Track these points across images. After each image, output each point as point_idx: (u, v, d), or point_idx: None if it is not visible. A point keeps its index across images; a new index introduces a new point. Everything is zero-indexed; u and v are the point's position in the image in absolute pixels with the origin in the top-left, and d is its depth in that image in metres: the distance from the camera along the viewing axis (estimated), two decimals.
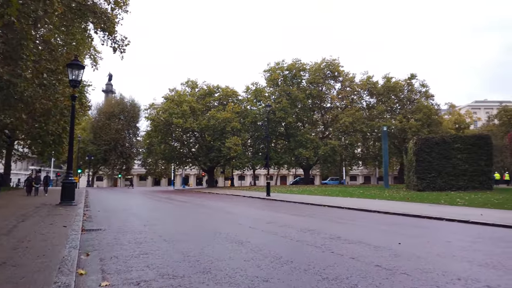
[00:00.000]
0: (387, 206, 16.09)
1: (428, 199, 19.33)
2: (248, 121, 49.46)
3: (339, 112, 50.42)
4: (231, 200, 22.49)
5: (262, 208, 16.19)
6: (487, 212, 13.09)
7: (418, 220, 12.07)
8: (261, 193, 30.72)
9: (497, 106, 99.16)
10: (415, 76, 54.03)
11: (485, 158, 26.31)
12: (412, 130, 46.99)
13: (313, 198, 22.79)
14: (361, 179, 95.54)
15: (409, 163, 30.45)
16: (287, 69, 53.04)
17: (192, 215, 13.01)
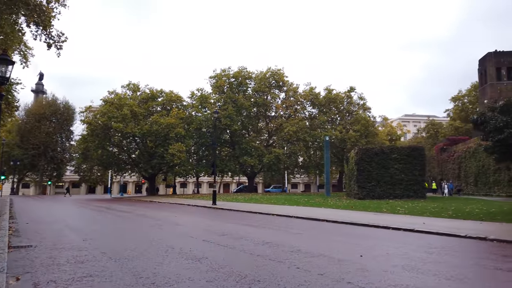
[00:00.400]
0: (335, 215, 16.34)
1: (371, 207, 20.03)
2: (193, 128, 48.38)
3: (283, 121, 51.25)
4: (177, 210, 21.52)
5: (211, 218, 15.59)
6: (428, 220, 13.73)
7: (367, 229, 12.31)
8: (206, 201, 29.96)
9: (424, 119, 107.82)
10: (354, 89, 56.76)
11: (419, 168, 28.07)
12: (351, 140, 49.09)
13: (261, 206, 22.61)
14: (302, 187, 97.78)
15: (350, 172, 31.61)
16: (233, 77, 52.92)
17: (137, 228, 12.07)
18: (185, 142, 45.26)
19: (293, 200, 29.09)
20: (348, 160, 33.20)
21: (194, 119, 49.66)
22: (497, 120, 13.49)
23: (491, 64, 51.83)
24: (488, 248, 8.12)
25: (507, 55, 51.95)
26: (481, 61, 54.84)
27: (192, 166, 48.40)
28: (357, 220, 14.29)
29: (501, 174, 35.10)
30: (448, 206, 20.44)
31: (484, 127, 14.02)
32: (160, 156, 44.90)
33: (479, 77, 55.51)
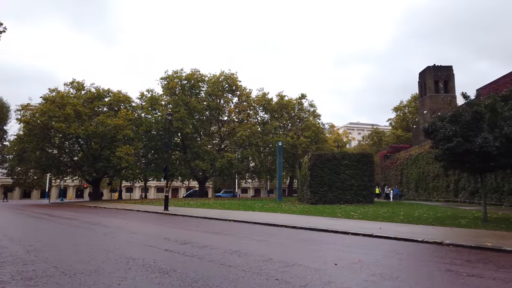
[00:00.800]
0: (293, 221, 16.33)
1: (326, 212, 20.36)
2: (142, 130, 46.53)
3: (236, 126, 50.99)
4: (128, 216, 20.34)
5: (168, 225, 14.84)
6: (383, 225, 14.13)
7: (328, 234, 12.37)
8: (157, 207, 28.77)
9: (367, 128, 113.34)
10: (305, 96, 58.12)
11: (368, 174, 29.15)
12: (302, 146, 50.06)
13: (216, 212, 22.10)
14: (252, 192, 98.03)
15: (303, 178, 32.07)
16: (186, 79, 51.80)
17: (88, 237, 11.07)
18: (133, 145, 43.33)
19: (247, 205, 28.87)
20: (301, 166, 33.68)
21: (143, 121, 47.81)
22: (446, 129, 14.22)
23: (430, 78, 55.69)
24: (448, 253, 8.39)
25: (444, 70, 56.16)
26: (421, 74, 58.75)
27: (141, 170, 46.43)
28: (316, 225, 14.36)
29: (439, 180, 37.53)
30: (397, 211, 21.37)
31: (434, 135, 14.73)
32: (106, 159, 42.56)
33: (419, 89, 59.43)
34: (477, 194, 30.55)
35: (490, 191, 28.82)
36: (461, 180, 33.19)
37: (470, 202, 31.02)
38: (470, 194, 31.47)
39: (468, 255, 7.94)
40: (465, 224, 14.08)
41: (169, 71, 52.52)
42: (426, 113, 55.22)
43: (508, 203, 26.30)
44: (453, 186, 34.50)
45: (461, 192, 33.15)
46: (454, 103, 55.09)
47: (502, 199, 27.21)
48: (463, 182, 32.83)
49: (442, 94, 55.20)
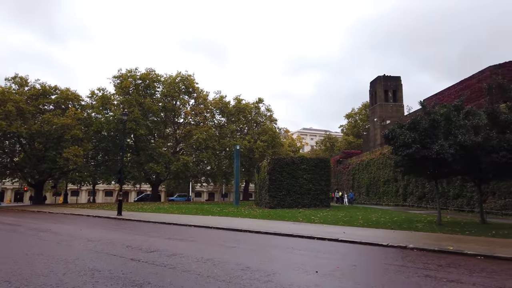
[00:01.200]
0: (256, 225, 16.11)
1: (287, 216, 20.37)
2: (92, 130, 44.13)
3: (192, 128, 50.00)
4: (78, 222, 18.99)
5: (126, 232, 13.98)
6: (346, 230, 14.33)
7: (294, 240, 12.27)
8: (109, 211, 27.31)
9: (319, 133, 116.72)
10: (262, 101, 58.45)
11: (325, 179, 29.74)
12: (259, 150, 50.20)
13: (173, 217, 21.33)
14: (206, 196, 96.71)
15: (262, 182, 32.05)
16: (140, 78, 50.01)
17: (40, 246, 10.03)
18: (82, 146, 40.91)
19: (205, 209, 28.27)
20: (259, 170, 33.65)
21: (94, 121, 45.38)
22: (405, 136, 14.77)
23: (380, 87, 58.35)
24: (418, 257, 8.58)
25: (393, 80, 59.12)
26: (372, 83, 61.40)
27: (90, 173, 43.93)
28: (281, 230, 14.26)
29: (389, 185, 39.25)
30: (354, 215, 21.91)
31: (394, 142, 15.25)
32: (52, 160, 39.78)
33: (370, 97, 62.05)
34: (424, 199, 32.31)
35: (436, 195, 30.61)
36: (409, 185, 34.91)
37: (418, 206, 32.67)
38: (418, 198, 33.15)
39: (438, 260, 8.16)
40: (421, 228, 14.67)
41: (122, 70, 50.54)
42: (376, 121, 57.75)
43: (453, 207, 27.98)
44: (402, 191, 36.19)
45: (409, 196, 34.84)
46: (401, 112, 58.24)
47: (448, 204, 28.91)
48: (411, 188, 34.55)
49: (391, 103, 58.05)
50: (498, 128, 13.61)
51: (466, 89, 34.94)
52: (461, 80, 35.99)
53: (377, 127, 57.73)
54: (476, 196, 26.33)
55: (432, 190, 31.39)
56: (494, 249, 9.60)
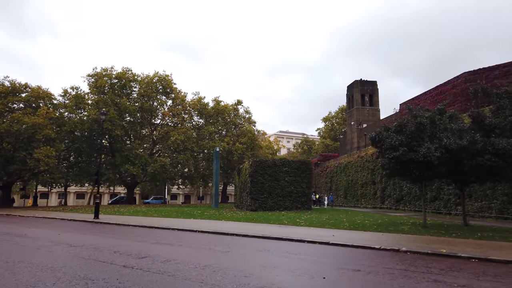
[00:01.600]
0: (242, 228, 15.80)
1: (272, 219, 20.15)
2: (65, 130, 42.47)
3: (170, 129, 49.05)
4: (54, 226, 18.05)
5: (108, 236, 13.33)
6: (334, 233, 14.25)
7: (286, 243, 12.06)
8: (84, 214, 26.27)
9: (296, 136, 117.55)
10: (241, 102, 58.19)
11: (306, 181, 29.74)
12: (238, 152, 49.82)
13: (155, 220, 20.69)
14: (182, 198, 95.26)
15: (243, 184, 31.73)
16: (116, 77, 48.66)
17: (19, 252, 9.32)
18: (54, 146, 39.24)
19: (185, 212, 27.63)
20: (240, 172, 33.31)
21: (67, 121, 43.70)
22: (392, 139, 14.87)
23: (357, 91, 59.34)
24: (415, 260, 8.55)
25: (370, 84, 60.28)
26: (349, 87, 62.40)
27: (62, 174, 42.19)
28: (268, 233, 14.03)
29: (367, 188, 39.83)
30: (338, 217, 21.95)
31: (381, 144, 15.33)
32: (21, 161, 37.93)
33: (347, 101, 63.04)
34: (402, 201, 32.90)
35: (414, 198, 31.23)
36: (387, 188, 35.51)
37: (395, 209, 33.25)
38: (396, 201, 33.75)
39: (437, 263, 8.14)
40: (408, 230, 14.79)
41: (98, 68, 49.01)
42: (353, 124, 58.65)
43: (430, 210, 28.60)
44: (380, 193, 36.77)
45: (387, 199, 35.43)
46: (377, 116, 59.45)
47: (425, 206, 29.51)
48: (389, 190, 35.14)
49: (368, 107, 59.17)
50: (482, 131, 13.92)
51: (441, 94, 36.03)
52: (436, 86, 37.05)
53: (354, 130, 58.65)
54: (453, 199, 27.08)
55: (409, 192, 32.06)
56: (487, 252, 9.71)
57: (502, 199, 22.00)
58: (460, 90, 32.85)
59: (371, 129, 55.30)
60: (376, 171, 38.18)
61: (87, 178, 44.03)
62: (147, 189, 75.95)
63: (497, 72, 30.39)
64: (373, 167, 38.81)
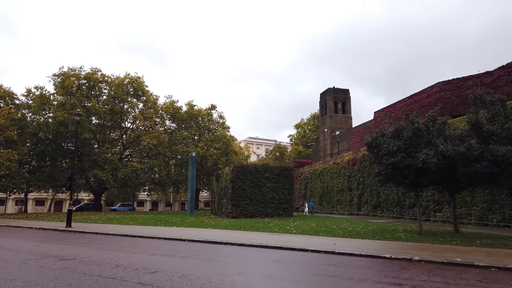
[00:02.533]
0: (234, 236, 15.07)
1: (260, 227, 19.46)
2: (29, 132, 39.74)
3: (142, 133, 47.24)
4: (26, 236, 16.40)
5: (95, 247, 12.13)
6: (334, 241, 13.81)
7: (290, 253, 11.47)
8: (53, 223, 24.42)
9: (265, 143, 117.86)
10: (215, 107, 57.23)
11: (288, 187, 29.32)
12: (213, 158, 48.78)
13: (135, 228, 19.41)
14: (149, 205, 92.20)
15: (223, 190, 30.84)
16: (85, 78, 46.32)
17: (4, 269, 8.11)
18: (17, 149, 36.57)
19: (164, 220, 26.33)
20: (219, 178, 32.40)
21: (30, 123, 40.97)
22: (390, 144, 14.70)
23: (330, 99, 60.09)
24: (442, 271, 8.23)
25: (342, 92, 61.25)
26: (322, 95, 63.10)
27: (24, 179, 39.32)
28: (264, 242, 13.37)
29: (343, 194, 40.06)
30: (325, 224, 21.61)
31: (378, 150, 15.14)
32: None
33: (320, 108, 63.69)
34: (379, 208, 33.21)
35: (391, 204, 31.59)
36: (364, 194, 35.81)
37: (373, 215, 33.53)
38: (373, 207, 34.04)
39: (466, 274, 7.87)
40: (405, 237, 14.60)
41: (64, 68, 46.46)
42: (326, 131, 59.26)
43: (408, 216, 28.99)
44: (356, 200, 37.01)
45: (364, 205, 35.71)
46: (350, 123, 60.44)
47: (403, 212, 29.93)
48: (366, 197, 35.44)
49: (340, 114, 60.04)
50: (479, 138, 14.05)
51: (416, 103, 36.99)
52: (411, 95, 38.03)
53: (327, 137, 59.27)
54: (431, 205, 27.57)
55: (387, 199, 32.42)
56: (501, 261, 9.55)
57: (481, 206, 22.55)
58: (434, 99, 33.82)
59: (344, 136, 56.12)
60: (352, 177, 38.50)
61: (51, 183, 41.36)
62: (112, 195, 72.98)
63: (470, 82, 31.54)
64: (349, 174, 39.11)
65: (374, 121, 44.55)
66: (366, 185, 35.48)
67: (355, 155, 38.82)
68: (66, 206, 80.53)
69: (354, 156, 38.71)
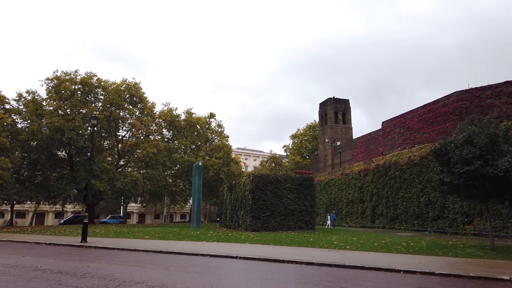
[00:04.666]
0: (290, 253, 13.42)
1: (296, 241, 17.78)
2: (23, 138, 36.91)
3: (141, 142, 44.88)
4: (50, 253, 14.17)
5: (140, 266, 10.21)
6: (414, 259, 12.37)
7: (387, 275, 9.89)
8: (62, 237, 22.00)
9: (252, 153, 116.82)
10: (214, 116, 55.45)
11: (310, 198, 27.73)
12: (214, 167, 46.84)
13: (162, 244, 17.41)
14: (136, 217, 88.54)
15: (238, 202, 29.01)
16: (81, 83, 43.86)
17: None
18: (9, 157, 33.75)
19: (180, 233, 24.16)
20: (233, 189, 30.53)
21: (23, 129, 38.16)
22: (462, 152, 13.44)
23: (331, 109, 59.23)
24: None
25: (342, 102, 60.57)
26: (321, 105, 62.23)
27: (16, 190, 36.27)
28: (323, 259, 11.87)
29: (353, 206, 38.76)
30: (359, 238, 20.08)
31: (447, 158, 13.84)
32: None
33: (320, 118, 62.73)
34: (397, 220, 31.97)
35: (411, 217, 30.40)
36: (378, 206, 34.58)
37: (390, 228, 32.27)
38: (390, 220, 32.78)
39: None
40: (477, 254, 13.25)
41: (58, 72, 43.90)
42: (327, 142, 58.23)
43: (432, 229, 27.81)
44: (370, 212, 35.73)
45: (379, 218, 34.43)
46: (350, 134, 59.68)
47: (426, 225, 28.75)
48: (380, 209, 34.20)
49: (341, 124, 59.23)
50: None
51: (430, 112, 36.32)
52: (425, 104, 37.37)
53: (328, 148, 58.23)
54: (460, 218, 26.47)
55: (406, 211, 31.22)
56: None
57: None
58: (451, 108, 33.18)
59: (346, 146, 55.19)
60: (364, 189, 37.28)
61: (44, 194, 38.41)
62: (99, 207, 69.65)
63: (489, 92, 31.05)
64: (361, 185, 37.90)
65: (383, 131, 43.73)
66: (381, 197, 34.29)
67: (366, 166, 37.70)
68: (48, 219, 76.41)
69: (366, 167, 37.59)
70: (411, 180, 30.59)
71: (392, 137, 41.71)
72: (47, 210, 75.15)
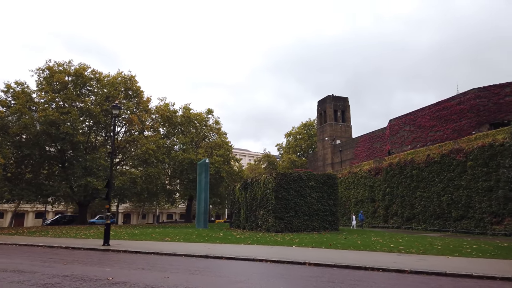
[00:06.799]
0: (352, 258, 11.93)
1: (344, 243, 16.34)
2: (14, 132, 34.01)
3: (138, 138, 42.47)
4: (73, 258, 12.17)
5: (162, 270, 8.51)
6: (442, 261, 11.12)
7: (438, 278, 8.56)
8: (75, 240, 19.79)
9: (239, 152, 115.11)
10: (211, 112, 53.49)
11: (333, 198, 26.40)
12: (215, 165, 44.97)
13: (187, 247, 15.57)
14: (121, 217, 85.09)
15: (255, 201, 27.36)
16: (75, 74, 41.08)
17: None
18: (2, 153, 30.92)
19: (200, 235, 22.30)
20: (248, 186, 28.84)
21: (13, 122, 35.22)
22: None
23: (330, 107, 58.29)
24: None
25: (341, 100, 59.71)
26: (320, 103, 61.22)
27: (10, 189, 33.27)
28: (407, 265, 10.42)
29: (363, 205, 37.71)
30: (393, 239, 18.89)
31: None
32: None
33: (318, 116, 61.71)
34: (414, 220, 31.06)
35: (431, 216, 29.51)
36: (392, 206, 33.63)
37: (406, 228, 31.34)
38: (406, 220, 31.82)
39: None
40: None
41: (51, 62, 41.05)
42: (327, 140, 57.22)
43: (456, 229, 26.97)
44: (382, 212, 34.74)
45: (393, 218, 33.47)
46: (349, 132, 58.89)
47: (447, 225, 27.89)
48: (395, 208, 33.24)
49: (340, 123, 58.36)
50: None
51: (445, 110, 35.66)
52: (438, 102, 36.73)
53: (327, 146, 57.23)
54: (487, 218, 25.66)
55: (424, 210, 30.31)
56: None
57: None
58: (469, 106, 32.58)
59: (348, 145, 54.31)
60: (376, 188, 36.27)
61: (37, 193, 35.53)
62: None
63: (508, 89, 30.57)
64: (371, 184, 36.90)
65: (390, 129, 42.94)
66: (395, 196, 33.34)
67: (377, 164, 36.73)
68: (28, 219, 72.30)
69: (377, 165, 36.61)
70: (430, 179, 29.70)
71: (401, 135, 40.96)
72: (27, 210, 71.31)
